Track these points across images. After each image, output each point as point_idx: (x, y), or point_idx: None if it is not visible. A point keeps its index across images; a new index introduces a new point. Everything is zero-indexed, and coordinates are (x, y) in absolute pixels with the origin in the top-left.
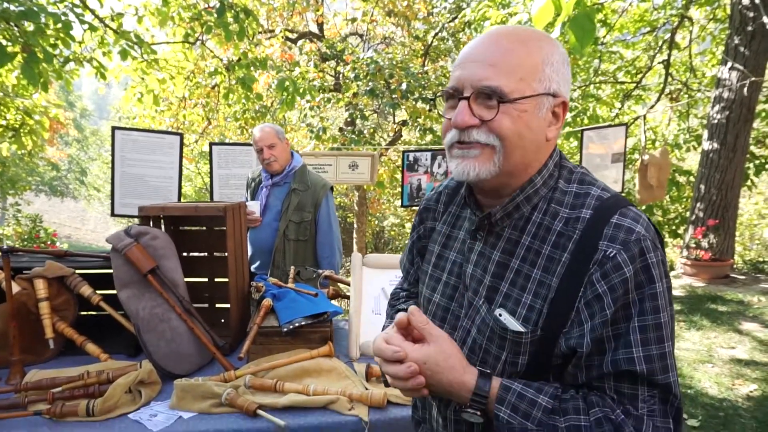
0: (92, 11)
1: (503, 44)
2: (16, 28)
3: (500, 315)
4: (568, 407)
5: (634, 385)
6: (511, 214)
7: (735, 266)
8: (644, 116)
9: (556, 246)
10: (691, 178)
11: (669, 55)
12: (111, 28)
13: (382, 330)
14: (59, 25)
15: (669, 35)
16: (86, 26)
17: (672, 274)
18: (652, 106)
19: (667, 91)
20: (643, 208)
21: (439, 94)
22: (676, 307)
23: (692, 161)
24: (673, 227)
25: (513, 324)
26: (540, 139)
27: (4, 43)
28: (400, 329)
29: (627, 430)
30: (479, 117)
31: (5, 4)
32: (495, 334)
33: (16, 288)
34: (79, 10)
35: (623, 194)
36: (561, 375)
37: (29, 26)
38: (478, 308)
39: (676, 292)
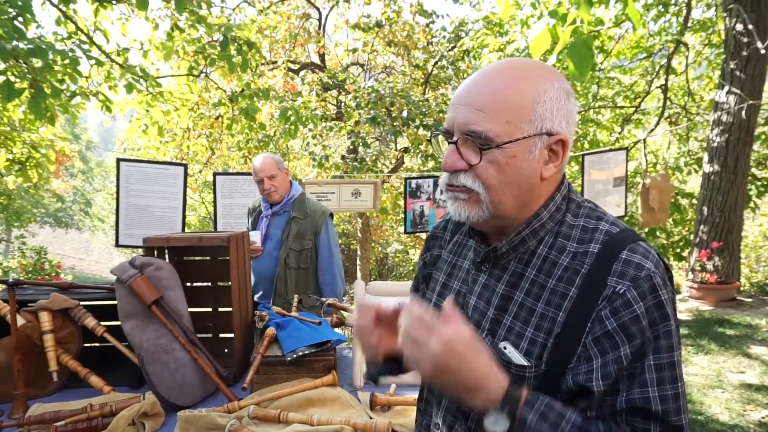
0: (99, 47)
1: (493, 85)
2: (24, 65)
3: (505, 348)
4: (591, 429)
5: (647, 421)
6: (516, 247)
7: (742, 289)
8: (644, 140)
9: (562, 280)
10: (694, 201)
11: (666, 80)
12: (117, 63)
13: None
14: (67, 61)
15: (665, 60)
16: (93, 61)
17: (678, 297)
18: (651, 130)
19: (666, 114)
20: (646, 231)
21: (435, 134)
22: (683, 331)
23: (694, 184)
24: (678, 250)
25: (518, 358)
26: (533, 180)
27: (13, 79)
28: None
29: None
30: (467, 161)
31: (14, 42)
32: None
33: (21, 321)
34: (86, 46)
35: (626, 218)
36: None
37: (37, 63)
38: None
39: (682, 316)
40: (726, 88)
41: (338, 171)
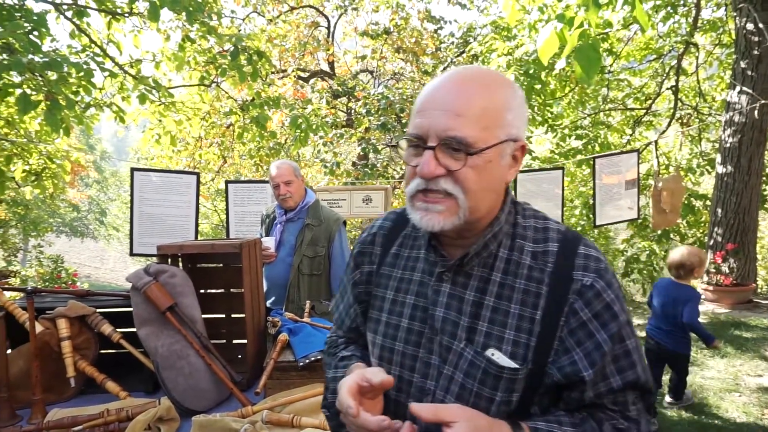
0: (112, 59)
1: (467, 91)
2: (40, 78)
3: (493, 354)
4: (586, 429)
5: (625, 393)
6: (479, 252)
7: (758, 291)
8: (656, 141)
9: (530, 279)
10: (707, 202)
11: (677, 81)
12: (130, 74)
13: (336, 384)
14: (81, 74)
15: (676, 62)
16: (107, 73)
17: None
18: (663, 132)
19: (677, 116)
20: (659, 233)
21: (396, 141)
22: None
23: (707, 185)
24: None
25: (507, 361)
26: (501, 184)
27: (29, 92)
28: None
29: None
30: (445, 167)
31: (30, 56)
32: (488, 375)
33: (39, 328)
34: (99, 59)
35: (639, 220)
36: (546, 403)
37: (52, 75)
38: (460, 352)
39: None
40: (738, 88)
41: (349, 177)
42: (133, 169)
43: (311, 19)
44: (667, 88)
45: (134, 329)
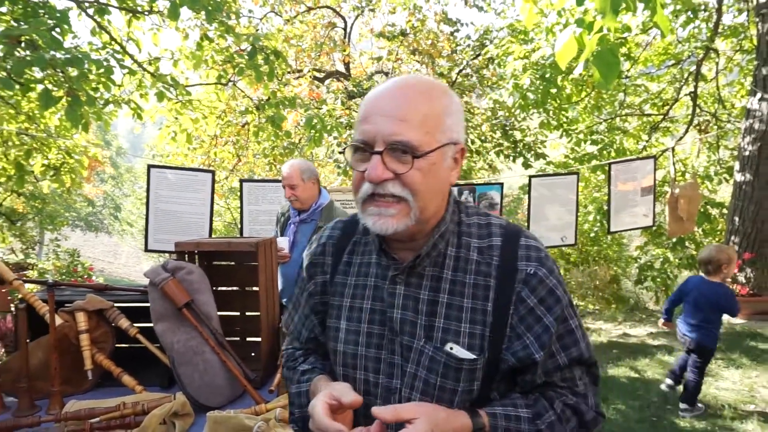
0: (131, 56)
1: (410, 98)
2: (61, 74)
3: (451, 348)
4: (539, 409)
5: (572, 369)
6: (429, 253)
7: None
8: (673, 148)
9: (478, 274)
10: (724, 211)
11: (696, 87)
12: (149, 72)
13: (302, 400)
14: (101, 70)
15: (695, 67)
16: (126, 70)
17: None
18: (680, 138)
19: (695, 122)
20: (674, 240)
21: (343, 148)
22: None
23: (724, 193)
24: None
25: (465, 353)
26: (446, 186)
27: (51, 87)
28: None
29: (582, 407)
30: (392, 170)
31: (52, 52)
32: (449, 368)
33: (58, 321)
34: (119, 56)
35: (654, 228)
36: (503, 388)
37: (73, 72)
38: (421, 349)
39: None
40: (758, 95)
41: None
42: (149, 166)
43: (328, 19)
44: (686, 94)
45: (151, 324)
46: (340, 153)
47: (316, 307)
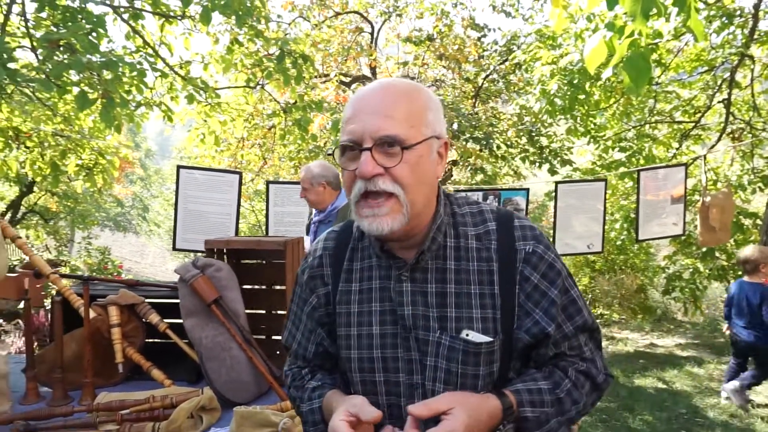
0: (163, 60)
1: (392, 96)
2: (96, 77)
3: (468, 335)
4: (556, 379)
5: (578, 337)
6: (430, 247)
7: None
8: (704, 156)
9: (480, 260)
10: (758, 221)
11: (729, 94)
12: (180, 75)
13: (315, 417)
14: (134, 73)
15: (729, 74)
16: (158, 74)
17: None
18: (713, 146)
19: (728, 130)
20: (704, 251)
21: (331, 150)
22: None
23: (758, 203)
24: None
25: (482, 338)
26: (433, 179)
27: (87, 90)
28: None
29: (592, 371)
30: (382, 165)
31: (88, 56)
32: (468, 354)
33: (92, 314)
34: (151, 59)
35: (683, 237)
36: (519, 366)
37: (108, 75)
38: (437, 341)
39: None
40: None
41: None
42: (179, 167)
43: (355, 24)
44: (719, 101)
45: (179, 320)
46: (329, 155)
47: (322, 319)
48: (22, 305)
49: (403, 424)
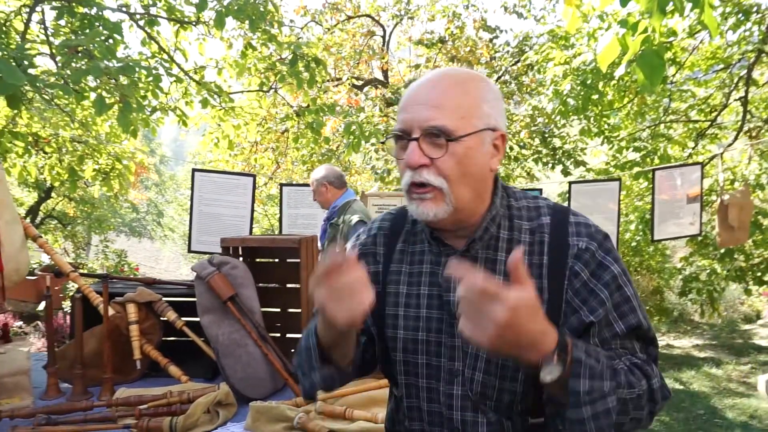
0: (178, 65)
1: (443, 87)
2: (113, 82)
3: None
4: (610, 353)
5: (632, 341)
6: (482, 236)
7: None
8: (721, 155)
9: (531, 253)
10: None
11: (746, 92)
12: (194, 80)
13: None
14: (150, 79)
15: (745, 71)
16: (173, 78)
17: (759, 323)
18: (729, 145)
19: (745, 128)
20: (722, 251)
21: (384, 139)
22: (765, 358)
23: None
24: (758, 273)
25: None
26: (485, 171)
27: (104, 95)
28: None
29: (648, 370)
30: (428, 156)
31: (105, 62)
32: None
33: (110, 311)
34: (167, 65)
35: (700, 237)
36: None
37: (125, 80)
38: None
39: (764, 342)
40: None
41: (399, 185)
42: (194, 170)
43: (367, 28)
44: (735, 99)
45: (196, 318)
46: (381, 144)
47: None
48: (41, 307)
49: (440, 408)
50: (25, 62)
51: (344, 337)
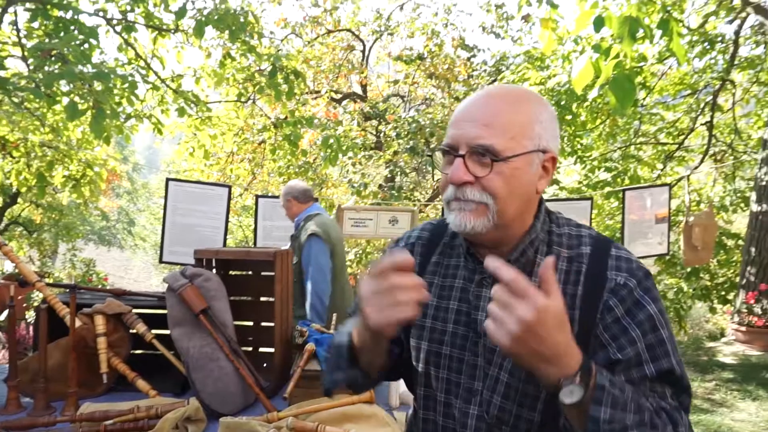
0: (155, 73)
1: (495, 105)
2: (87, 87)
3: None
4: (637, 390)
5: (663, 386)
6: (518, 259)
7: None
8: (688, 177)
9: (567, 282)
10: (740, 241)
11: (712, 117)
12: (171, 88)
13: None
14: (126, 85)
15: (711, 98)
16: (149, 86)
17: (723, 340)
18: (696, 167)
19: (711, 152)
20: (689, 270)
21: (431, 151)
22: (729, 375)
23: (740, 224)
24: (722, 293)
25: None
26: (531, 192)
27: (77, 100)
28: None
29: (676, 415)
30: (473, 174)
31: (80, 67)
32: (533, 375)
33: (77, 323)
34: (143, 72)
35: (667, 257)
36: None
37: (99, 86)
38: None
39: (727, 360)
40: None
41: (375, 199)
42: (168, 179)
43: (347, 42)
44: (701, 124)
45: (166, 331)
46: (428, 156)
47: None
48: (2, 317)
49: (455, 425)
50: None
51: (375, 341)
